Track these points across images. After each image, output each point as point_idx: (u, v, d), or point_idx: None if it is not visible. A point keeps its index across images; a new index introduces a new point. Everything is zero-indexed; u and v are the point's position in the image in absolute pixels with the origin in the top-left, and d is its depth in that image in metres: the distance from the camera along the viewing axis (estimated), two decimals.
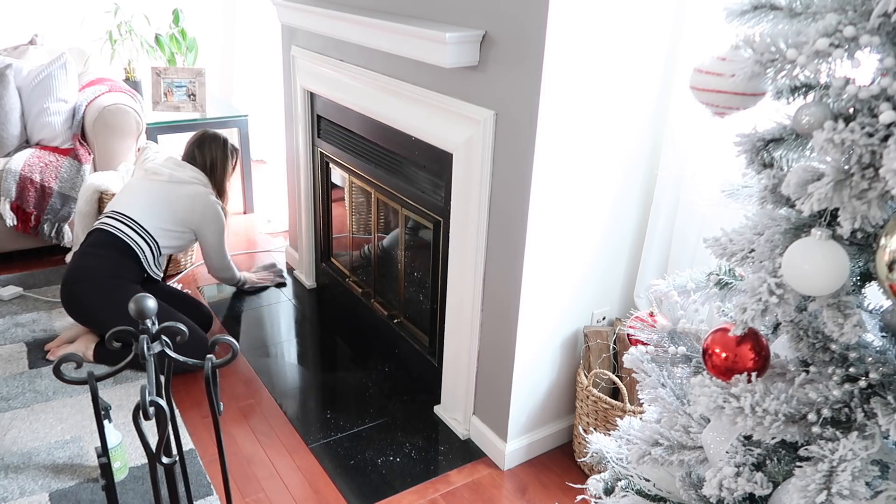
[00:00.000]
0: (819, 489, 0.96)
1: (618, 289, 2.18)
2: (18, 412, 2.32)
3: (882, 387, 1.00)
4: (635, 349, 1.37)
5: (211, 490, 2.04)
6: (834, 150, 0.91)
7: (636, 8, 1.80)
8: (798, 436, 1.04)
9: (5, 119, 3.35)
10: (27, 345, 2.70)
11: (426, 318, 2.48)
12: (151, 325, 1.25)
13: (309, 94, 2.93)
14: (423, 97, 2.12)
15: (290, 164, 3.24)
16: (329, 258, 3.17)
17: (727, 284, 1.25)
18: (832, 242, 0.97)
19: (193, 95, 3.87)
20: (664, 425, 1.26)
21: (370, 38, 2.16)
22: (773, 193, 1.08)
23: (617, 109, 1.90)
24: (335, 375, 2.66)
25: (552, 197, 1.90)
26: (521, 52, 1.77)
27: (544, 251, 1.95)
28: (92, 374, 1.25)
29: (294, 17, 2.64)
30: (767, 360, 1.10)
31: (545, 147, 1.82)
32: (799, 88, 1.05)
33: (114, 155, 3.45)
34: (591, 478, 1.47)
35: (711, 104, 1.13)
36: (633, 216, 2.09)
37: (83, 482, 2.04)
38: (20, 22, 4.03)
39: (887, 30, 0.89)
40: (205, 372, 1.32)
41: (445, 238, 2.21)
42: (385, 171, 2.50)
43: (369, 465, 2.17)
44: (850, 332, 0.98)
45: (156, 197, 2.70)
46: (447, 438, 2.32)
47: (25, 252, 3.42)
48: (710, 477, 1.11)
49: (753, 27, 1.04)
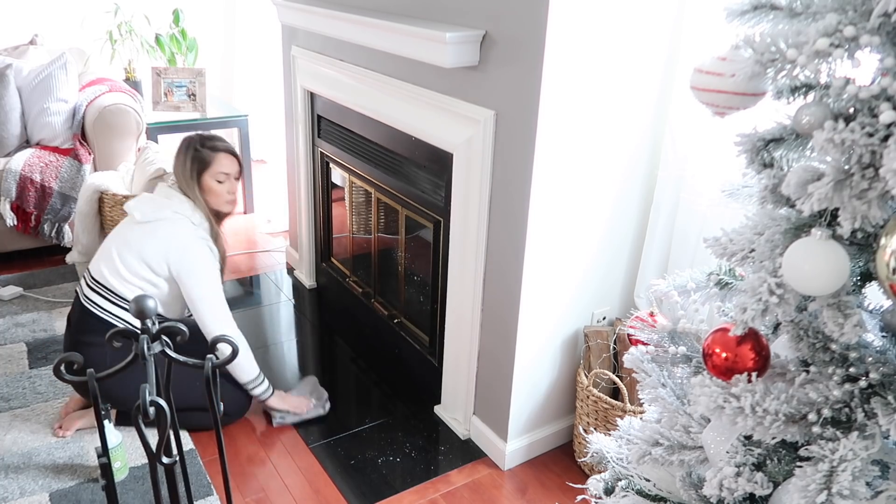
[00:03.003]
0: (819, 489, 0.95)
1: (618, 289, 2.18)
2: (18, 412, 2.32)
3: (882, 387, 1.00)
4: (635, 349, 1.37)
5: (211, 490, 2.04)
6: (834, 150, 0.91)
7: (636, 8, 1.80)
8: (798, 436, 1.04)
9: (5, 119, 3.35)
10: (27, 345, 2.70)
11: (426, 318, 2.48)
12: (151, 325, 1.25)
13: (309, 93, 2.93)
14: (424, 97, 2.12)
15: (291, 164, 3.23)
16: (329, 258, 3.17)
17: (727, 284, 1.25)
18: (832, 242, 0.97)
19: (193, 95, 3.87)
20: (664, 425, 1.26)
21: (370, 38, 2.16)
22: (773, 193, 1.08)
23: (617, 109, 1.90)
24: (335, 375, 2.66)
25: (552, 197, 1.90)
26: (521, 52, 1.77)
27: (544, 251, 1.95)
28: (92, 374, 1.25)
29: (294, 17, 2.64)
30: (768, 360, 1.10)
31: (545, 147, 1.82)
32: (799, 88, 1.05)
33: (114, 155, 3.45)
34: (591, 478, 1.47)
35: (712, 104, 1.13)
36: (633, 216, 2.09)
37: (83, 482, 2.04)
38: (20, 22, 4.03)
39: (887, 30, 0.89)
40: (205, 372, 1.32)
41: (445, 238, 2.21)
42: (385, 171, 2.50)
43: (369, 465, 2.17)
44: (850, 332, 0.98)
45: (127, 248, 2.16)
46: (447, 438, 2.32)
47: (25, 252, 3.42)
48: (710, 477, 1.11)
49: (753, 27, 1.04)
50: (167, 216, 2.15)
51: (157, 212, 2.16)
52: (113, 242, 2.20)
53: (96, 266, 2.19)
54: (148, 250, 2.13)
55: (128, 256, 2.14)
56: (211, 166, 2.22)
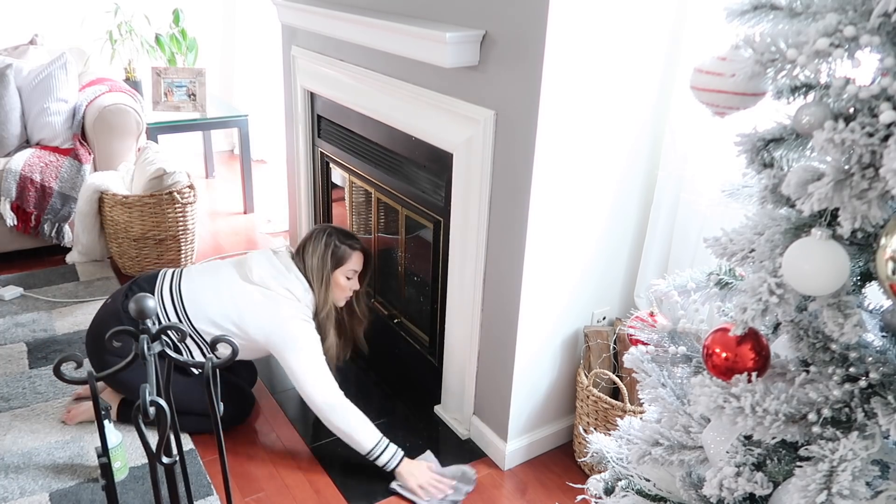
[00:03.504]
0: (819, 489, 0.96)
1: (618, 288, 2.18)
2: (18, 412, 2.32)
3: (882, 386, 1.00)
4: (635, 349, 1.37)
5: (211, 490, 2.04)
6: (834, 150, 0.91)
7: (636, 8, 1.80)
8: (798, 436, 1.04)
9: (5, 119, 3.35)
10: (27, 345, 2.70)
11: (426, 318, 2.48)
12: (152, 325, 1.25)
13: (309, 93, 2.93)
14: (424, 97, 2.12)
15: (291, 164, 3.23)
16: None
17: (727, 284, 1.25)
18: (832, 242, 0.97)
19: (193, 95, 3.87)
20: (664, 425, 1.26)
21: (370, 38, 2.16)
22: (773, 193, 1.08)
23: (617, 109, 1.90)
24: (335, 375, 2.66)
25: (552, 197, 1.90)
26: (521, 52, 1.77)
27: (544, 251, 1.95)
28: (92, 374, 1.25)
29: (294, 16, 2.64)
30: (768, 359, 1.10)
31: (545, 147, 1.82)
32: (799, 88, 1.05)
33: (114, 155, 3.45)
34: (591, 478, 1.47)
35: (712, 104, 1.13)
36: (633, 216, 2.09)
37: (83, 482, 2.04)
38: (20, 22, 4.03)
39: (887, 30, 0.89)
40: (205, 372, 1.32)
41: (445, 238, 2.21)
42: (385, 171, 2.50)
43: (369, 466, 2.17)
44: (850, 331, 0.98)
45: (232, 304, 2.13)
46: (447, 438, 2.32)
47: (25, 252, 3.42)
48: (710, 477, 1.11)
49: (754, 27, 1.04)
50: (278, 291, 2.13)
51: (273, 281, 2.14)
52: (224, 283, 2.16)
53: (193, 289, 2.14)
54: (249, 322, 2.11)
55: (228, 310, 2.11)
56: (346, 264, 2.22)
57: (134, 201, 3.11)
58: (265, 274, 2.15)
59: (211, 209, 4.19)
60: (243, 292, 2.14)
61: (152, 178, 3.13)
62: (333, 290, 2.22)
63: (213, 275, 2.21)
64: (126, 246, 3.19)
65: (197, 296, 2.14)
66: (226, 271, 2.21)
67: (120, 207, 3.12)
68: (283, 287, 2.14)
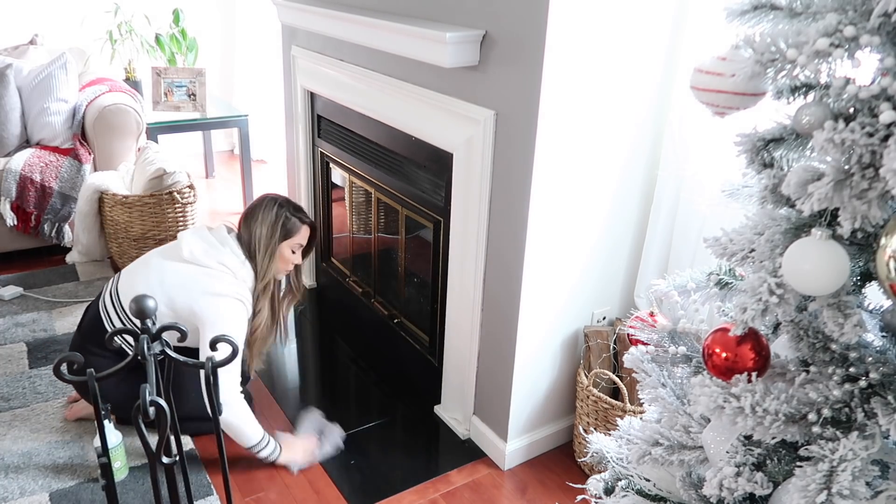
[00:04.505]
0: (819, 489, 0.96)
1: (618, 288, 2.18)
2: (18, 412, 2.32)
3: (882, 387, 1.00)
4: (635, 349, 1.37)
5: (211, 490, 2.04)
6: (834, 150, 0.91)
7: (636, 8, 1.80)
8: (798, 436, 1.04)
9: (5, 119, 3.35)
10: (27, 345, 2.70)
11: (426, 318, 2.48)
12: (151, 325, 1.25)
13: (309, 93, 2.93)
14: (424, 97, 2.12)
15: (291, 164, 3.23)
16: (329, 258, 3.17)
17: (727, 284, 1.25)
18: (832, 242, 0.97)
19: (193, 95, 3.87)
20: (664, 425, 1.26)
21: (370, 38, 2.16)
22: (773, 193, 1.08)
23: (617, 109, 1.90)
24: (335, 375, 2.66)
25: (552, 197, 1.90)
26: (521, 52, 1.77)
27: (545, 251, 1.95)
28: (92, 374, 1.25)
29: (294, 16, 2.64)
30: (768, 359, 1.10)
31: (545, 147, 1.81)
32: (799, 88, 1.05)
33: (114, 155, 3.45)
34: (591, 478, 1.47)
35: (712, 104, 1.13)
36: (633, 216, 2.09)
37: (83, 482, 2.04)
38: (20, 22, 4.03)
39: (887, 30, 0.89)
40: (205, 372, 1.32)
41: (445, 238, 2.21)
42: (385, 171, 2.50)
43: (369, 466, 2.17)
44: (850, 331, 0.98)
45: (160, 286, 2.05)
46: (447, 438, 2.32)
47: (25, 252, 3.42)
48: (710, 477, 1.11)
49: (754, 27, 1.04)
50: (211, 265, 2.06)
51: (204, 256, 2.07)
52: (153, 270, 2.09)
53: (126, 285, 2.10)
54: (178, 301, 2.03)
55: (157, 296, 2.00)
56: (294, 237, 2.17)
57: (134, 201, 3.12)
58: (196, 249, 2.07)
59: (211, 209, 4.19)
60: (173, 271, 2.06)
61: (152, 178, 3.13)
62: (277, 262, 2.15)
63: (143, 265, 2.15)
64: (126, 246, 3.19)
65: (130, 290, 2.08)
66: (155, 258, 2.14)
67: (120, 207, 3.12)
68: (216, 261, 2.06)
